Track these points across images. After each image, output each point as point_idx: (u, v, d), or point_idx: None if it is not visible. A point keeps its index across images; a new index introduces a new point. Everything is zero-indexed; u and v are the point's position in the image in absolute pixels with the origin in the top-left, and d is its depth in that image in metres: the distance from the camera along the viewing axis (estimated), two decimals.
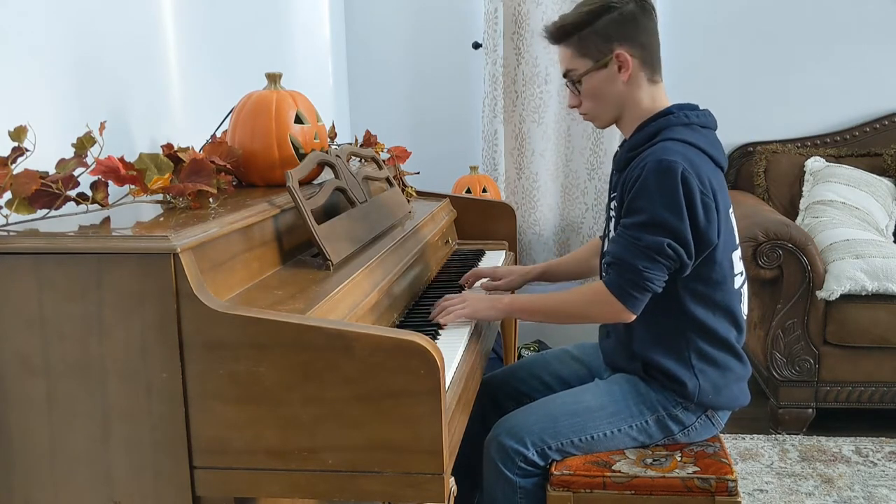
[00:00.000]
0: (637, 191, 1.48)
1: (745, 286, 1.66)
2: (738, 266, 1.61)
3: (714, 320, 1.57)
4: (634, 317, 1.52)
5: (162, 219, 1.20)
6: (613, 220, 1.62)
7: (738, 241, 1.63)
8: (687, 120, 1.56)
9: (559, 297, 1.63)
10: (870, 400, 2.68)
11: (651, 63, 1.60)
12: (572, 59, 1.60)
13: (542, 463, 1.56)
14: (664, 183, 1.45)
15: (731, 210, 1.60)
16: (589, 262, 1.96)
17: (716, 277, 1.55)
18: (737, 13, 3.31)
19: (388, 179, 2.04)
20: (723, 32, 3.32)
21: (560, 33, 1.60)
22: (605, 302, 1.51)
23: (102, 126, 1.26)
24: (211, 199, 1.34)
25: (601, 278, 1.58)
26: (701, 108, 1.62)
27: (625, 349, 1.63)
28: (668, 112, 1.58)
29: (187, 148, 1.41)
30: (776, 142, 3.32)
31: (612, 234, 1.64)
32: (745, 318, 1.65)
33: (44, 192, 1.17)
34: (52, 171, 1.23)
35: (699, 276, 1.54)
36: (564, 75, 1.64)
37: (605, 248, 1.58)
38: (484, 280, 1.93)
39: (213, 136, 1.73)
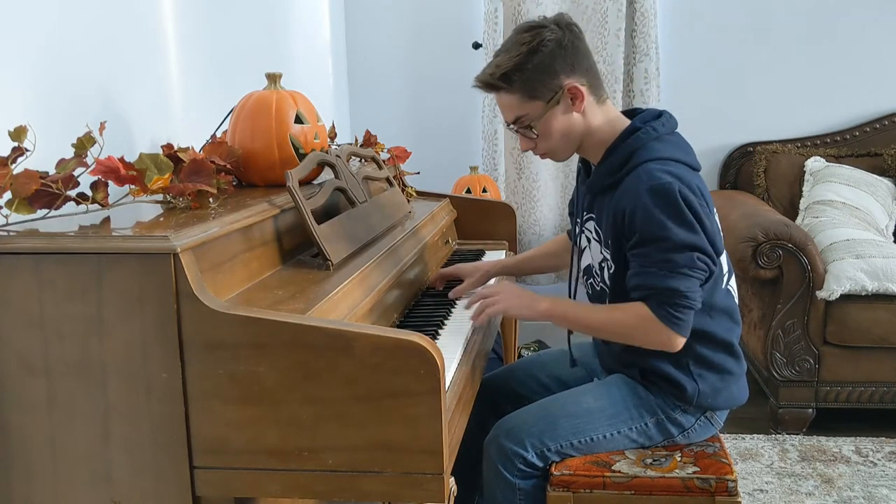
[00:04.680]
0: (643, 222, 1.44)
1: (733, 279, 1.65)
2: (725, 266, 1.61)
3: (712, 323, 1.57)
4: (684, 341, 1.49)
5: (162, 219, 1.20)
6: (595, 242, 1.60)
7: (723, 243, 1.59)
8: (656, 133, 1.52)
9: (605, 315, 1.57)
10: (870, 400, 2.68)
11: (597, 84, 1.55)
12: (521, 105, 1.52)
13: (541, 465, 1.56)
14: (667, 206, 1.43)
15: (714, 211, 1.59)
16: (559, 256, 1.94)
17: (706, 283, 1.54)
18: (737, 13, 3.31)
19: (388, 179, 2.04)
20: (723, 32, 3.32)
21: (501, 81, 1.51)
22: (654, 329, 1.47)
23: (102, 126, 1.26)
24: (211, 199, 1.34)
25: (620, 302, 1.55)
26: (656, 109, 1.58)
27: (620, 357, 1.63)
28: (633, 129, 1.53)
29: (187, 148, 1.41)
30: (776, 142, 3.32)
31: (589, 250, 1.63)
32: (738, 309, 1.64)
33: (44, 192, 1.17)
34: (52, 171, 1.23)
35: None
36: (513, 123, 1.56)
37: (628, 282, 1.51)
38: (462, 286, 1.85)
39: (213, 136, 1.73)
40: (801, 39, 3.29)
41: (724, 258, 1.60)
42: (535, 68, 1.49)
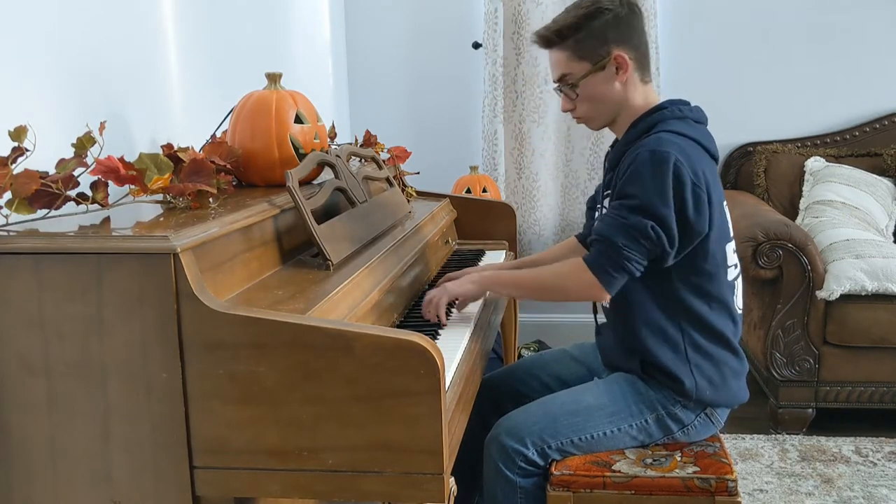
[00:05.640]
0: (629, 177, 1.50)
1: (739, 279, 1.67)
2: (732, 258, 1.62)
3: (709, 312, 1.58)
4: (609, 296, 1.54)
5: (162, 219, 1.20)
6: None
7: (731, 234, 1.64)
8: (681, 114, 1.59)
9: (535, 271, 1.67)
10: (870, 400, 2.68)
11: (644, 64, 1.63)
12: (569, 63, 1.61)
13: (542, 462, 1.56)
14: (655, 171, 1.47)
15: (724, 202, 1.61)
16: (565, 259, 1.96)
17: (709, 268, 1.56)
18: (737, 13, 3.31)
19: (388, 179, 2.04)
20: (723, 32, 3.32)
21: (556, 37, 1.60)
22: (580, 276, 1.52)
23: (102, 126, 1.26)
24: (211, 199, 1.34)
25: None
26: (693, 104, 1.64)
27: (622, 345, 1.63)
28: (661, 107, 1.60)
29: (187, 148, 1.41)
30: (776, 142, 3.32)
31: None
32: (740, 311, 1.65)
33: (44, 192, 1.17)
34: (52, 171, 1.23)
35: (693, 266, 1.55)
36: (559, 80, 1.64)
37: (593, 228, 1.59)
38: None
39: (213, 136, 1.73)
40: (801, 39, 3.29)
41: (730, 250, 1.62)
42: (588, 31, 1.57)
